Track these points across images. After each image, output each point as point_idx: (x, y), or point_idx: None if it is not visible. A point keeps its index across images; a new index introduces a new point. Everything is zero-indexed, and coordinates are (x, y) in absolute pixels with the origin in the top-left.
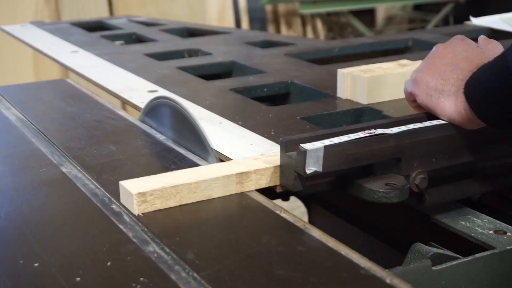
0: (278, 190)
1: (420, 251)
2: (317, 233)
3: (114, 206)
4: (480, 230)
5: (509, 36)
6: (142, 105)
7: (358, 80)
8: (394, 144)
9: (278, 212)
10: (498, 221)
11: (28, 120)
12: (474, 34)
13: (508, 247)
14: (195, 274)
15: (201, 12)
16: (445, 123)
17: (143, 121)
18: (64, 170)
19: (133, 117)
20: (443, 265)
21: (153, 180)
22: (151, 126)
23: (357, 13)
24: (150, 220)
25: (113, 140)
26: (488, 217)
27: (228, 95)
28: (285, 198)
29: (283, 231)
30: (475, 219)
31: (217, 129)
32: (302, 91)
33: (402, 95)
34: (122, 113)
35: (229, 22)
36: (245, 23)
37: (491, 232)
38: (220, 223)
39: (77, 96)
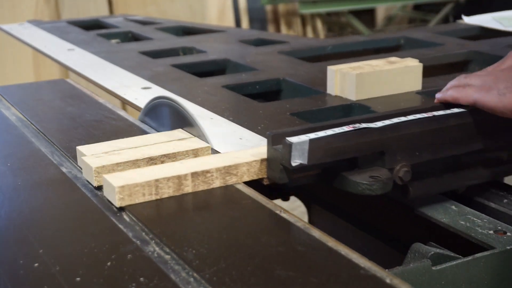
0: (265, 182)
1: (420, 251)
2: (317, 233)
3: (114, 206)
4: (480, 230)
5: (499, 35)
6: (135, 101)
7: (347, 77)
8: (377, 138)
9: (278, 212)
10: (498, 221)
11: (28, 120)
12: (466, 32)
13: (508, 247)
14: (195, 274)
15: (201, 12)
16: (429, 117)
17: (143, 121)
18: (64, 170)
19: (133, 117)
20: (443, 265)
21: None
22: (151, 126)
23: (357, 13)
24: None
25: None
26: (488, 217)
27: (220, 92)
28: (285, 198)
29: (283, 231)
30: (475, 219)
31: (207, 124)
32: (294, 88)
33: (390, 92)
34: (122, 113)
35: (229, 22)
36: (245, 23)
37: (491, 232)
38: (219, 222)
39: (77, 96)
